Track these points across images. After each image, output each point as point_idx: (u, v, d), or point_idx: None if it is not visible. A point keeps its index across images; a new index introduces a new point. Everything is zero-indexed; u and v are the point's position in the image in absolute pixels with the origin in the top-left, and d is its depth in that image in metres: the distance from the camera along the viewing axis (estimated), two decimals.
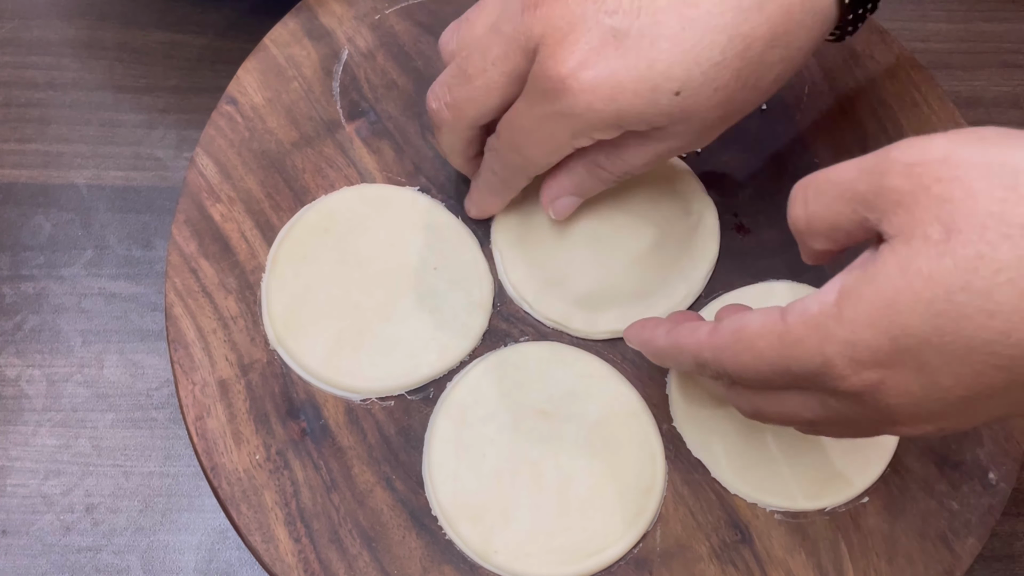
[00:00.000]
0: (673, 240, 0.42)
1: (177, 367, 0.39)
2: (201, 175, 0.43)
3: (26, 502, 0.44)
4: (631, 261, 0.42)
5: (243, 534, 0.37)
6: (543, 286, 0.41)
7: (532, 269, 0.42)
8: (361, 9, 0.47)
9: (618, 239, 0.42)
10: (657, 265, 0.42)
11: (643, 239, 0.42)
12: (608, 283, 0.42)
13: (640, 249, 0.42)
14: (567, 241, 0.42)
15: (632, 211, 0.43)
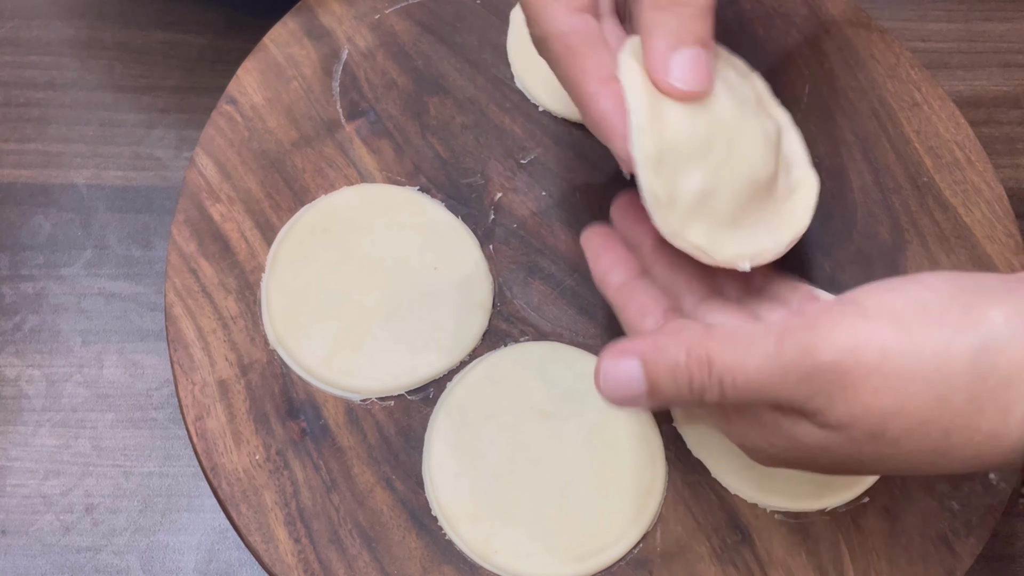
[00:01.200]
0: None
1: (177, 367, 0.39)
2: (201, 175, 0.43)
3: (26, 502, 0.44)
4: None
5: (243, 534, 0.37)
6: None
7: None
8: (361, 9, 0.47)
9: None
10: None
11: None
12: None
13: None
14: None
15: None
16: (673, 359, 0.30)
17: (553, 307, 0.42)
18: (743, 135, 0.34)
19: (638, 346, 0.31)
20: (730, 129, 0.34)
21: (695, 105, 0.33)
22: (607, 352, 0.31)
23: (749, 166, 0.34)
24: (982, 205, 0.44)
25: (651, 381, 0.30)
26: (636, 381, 0.30)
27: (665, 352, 0.30)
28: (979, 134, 0.46)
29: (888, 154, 0.45)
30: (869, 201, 0.44)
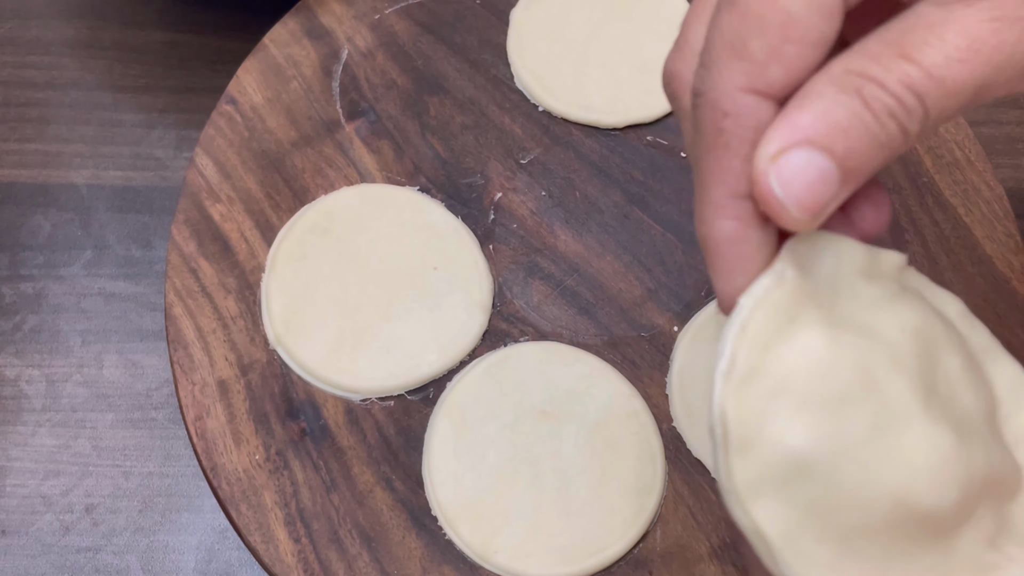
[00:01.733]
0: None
1: (177, 367, 0.39)
2: (200, 175, 0.43)
3: (25, 502, 0.44)
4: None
5: (243, 534, 0.37)
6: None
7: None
8: (360, 9, 0.47)
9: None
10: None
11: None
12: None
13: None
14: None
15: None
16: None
17: (553, 307, 0.42)
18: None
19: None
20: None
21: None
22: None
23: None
24: (982, 205, 0.44)
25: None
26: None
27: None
28: (979, 134, 0.46)
29: None
30: None
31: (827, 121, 0.21)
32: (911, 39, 0.21)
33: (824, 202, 0.21)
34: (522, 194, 0.44)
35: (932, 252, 0.43)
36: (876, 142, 0.21)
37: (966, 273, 0.43)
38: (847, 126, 0.21)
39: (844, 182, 0.21)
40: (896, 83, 0.20)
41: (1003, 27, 0.20)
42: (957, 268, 0.43)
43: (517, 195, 0.44)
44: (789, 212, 0.21)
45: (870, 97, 0.21)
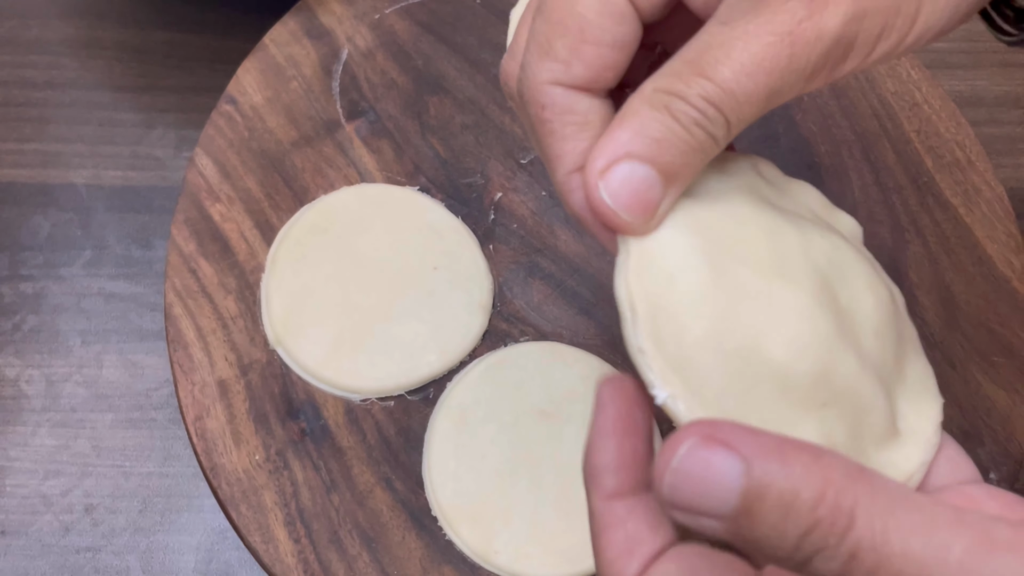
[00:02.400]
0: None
1: (176, 367, 0.39)
2: (200, 175, 0.43)
3: (25, 502, 0.44)
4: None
5: (242, 534, 0.37)
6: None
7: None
8: (360, 8, 0.47)
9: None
10: None
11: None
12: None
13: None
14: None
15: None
16: (795, 486, 0.19)
17: (553, 307, 0.42)
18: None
19: (747, 441, 0.20)
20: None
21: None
22: (692, 430, 0.20)
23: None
24: (982, 205, 0.44)
25: (748, 501, 0.20)
26: (727, 491, 0.20)
27: (788, 468, 0.20)
28: (979, 134, 0.46)
29: (888, 154, 0.45)
30: (870, 201, 0.44)
31: (643, 135, 0.24)
32: (706, 58, 0.24)
33: (652, 203, 0.24)
34: (522, 194, 0.44)
35: (933, 252, 0.43)
36: (688, 147, 0.24)
37: (967, 273, 0.43)
38: (660, 137, 0.24)
39: (667, 184, 0.24)
40: (697, 97, 0.23)
41: (777, 42, 0.23)
42: (958, 268, 0.43)
43: (517, 195, 0.44)
44: (621, 217, 0.24)
45: (677, 111, 0.24)
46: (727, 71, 0.23)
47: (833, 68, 0.24)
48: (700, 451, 0.20)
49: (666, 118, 0.24)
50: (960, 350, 0.41)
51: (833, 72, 0.24)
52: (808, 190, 0.30)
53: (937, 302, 0.42)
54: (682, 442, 0.20)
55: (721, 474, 0.20)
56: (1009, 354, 0.41)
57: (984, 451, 0.39)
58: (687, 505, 0.20)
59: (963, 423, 0.40)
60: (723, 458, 0.20)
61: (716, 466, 0.20)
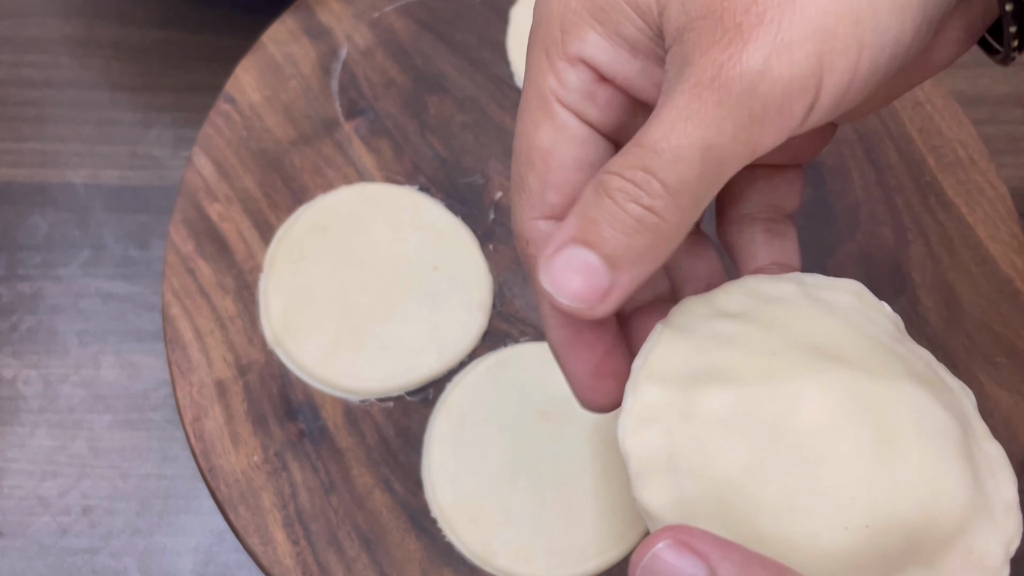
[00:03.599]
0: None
1: (174, 368, 0.39)
2: (198, 174, 0.43)
3: (22, 504, 0.44)
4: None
5: (241, 536, 0.36)
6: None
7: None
8: (360, 7, 0.47)
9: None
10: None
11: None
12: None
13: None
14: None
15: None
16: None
17: None
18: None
19: (715, 550, 0.22)
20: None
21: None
22: (667, 532, 0.22)
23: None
24: (985, 204, 0.44)
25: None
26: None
27: (748, 564, 0.22)
28: (982, 133, 0.46)
29: (890, 153, 0.45)
30: (871, 200, 0.44)
31: (583, 218, 0.24)
32: (644, 130, 0.23)
33: (598, 289, 0.24)
34: None
35: (935, 252, 0.43)
36: (626, 226, 0.23)
37: (969, 273, 0.43)
38: (596, 217, 0.23)
39: (615, 268, 0.24)
40: (629, 168, 0.23)
41: (700, 90, 0.22)
42: (960, 268, 0.43)
43: None
44: (566, 304, 0.24)
45: (610, 188, 0.23)
46: (655, 132, 0.22)
47: (779, 111, 0.22)
48: (670, 554, 0.22)
49: (602, 198, 0.23)
50: (962, 351, 0.41)
51: (783, 115, 0.22)
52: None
53: (939, 302, 0.42)
54: (655, 543, 0.22)
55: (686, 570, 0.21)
56: (1012, 355, 0.41)
57: None
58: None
59: None
60: (690, 564, 0.21)
61: (680, 570, 0.21)
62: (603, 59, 0.25)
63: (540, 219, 0.26)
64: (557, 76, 0.25)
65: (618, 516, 0.37)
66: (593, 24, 0.24)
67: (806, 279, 0.28)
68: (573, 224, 0.24)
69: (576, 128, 0.25)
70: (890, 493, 0.23)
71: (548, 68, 0.25)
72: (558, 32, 0.25)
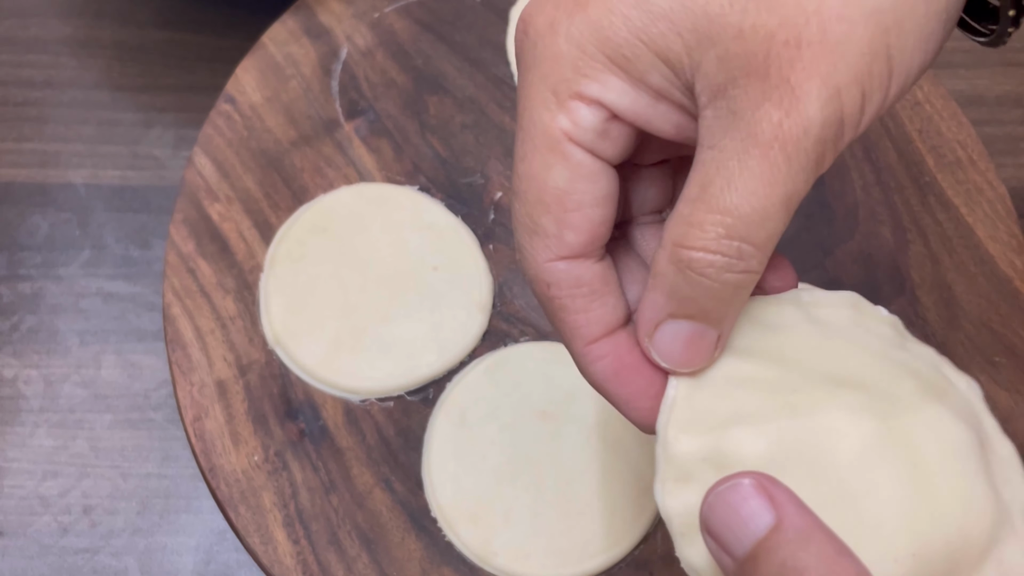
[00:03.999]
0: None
1: (175, 367, 0.39)
2: (199, 174, 0.43)
3: (23, 503, 0.44)
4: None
5: (241, 536, 0.37)
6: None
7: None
8: (360, 7, 0.47)
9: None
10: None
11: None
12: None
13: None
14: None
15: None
16: (805, 564, 0.21)
17: None
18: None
19: (789, 506, 0.22)
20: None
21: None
22: (753, 474, 0.22)
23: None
24: (984, 205, 0.44)
25: (759, 550, 0.22)
26: (748, 533, 0.22)
27: (808, 546, 0.21)
28: (981, 133, 0.46)
29: (890, 153, 0.45)
30: (871, 200, 0.44)
31: (678, 298, 0.24)
32: (710, 192, 0.23)
33: (704, 352, 0.25)
34: None
35: (934, 252, 0.43)
36: (723, 294, 0.24)
37: (968, 273, 0.43)
38: (692, 295, 0.24)
39: (720, 324, 0.25)
40: (715, 241, 0.23)
41: (768, 151, 0.22)
42: (959, 268, 0.43)
43: None
44: (678, 371, 0.25)
45: (700, 264, 0.23)
46: (735, 197, 0.23)
47: (835, 147, 0.23)
48: (745, 489, 0.22)
49: (692, 276, 0.24)
50: (961, 350, 0.41)
51: (837, 148, 0.24)
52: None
53: (939, 302, 0.42)
54: (737, 477, 0.22)
55: (751, 516, 0.22)
56: (1011, 354, 0.41)
57: None
58: (714, 530, 0.22)
59: None
60: (760, 504, 0.22)
61: (750, 507, 0.22)
62: (623, 103, 0.24)
63: (559, 260, 0.26)
64: (569, 116, 0.25)
65: (618, 516, 0.37)
66: (614, 69, 0.24)
67: (803, 296, 0.28)
68: (664, 302, 0.25)
69: (591, 165, 0.25)
70: (930, 519, 0.24)
71: (557, 107, 0.25)
72: (570, 72, 0.24)
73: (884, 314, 0.28)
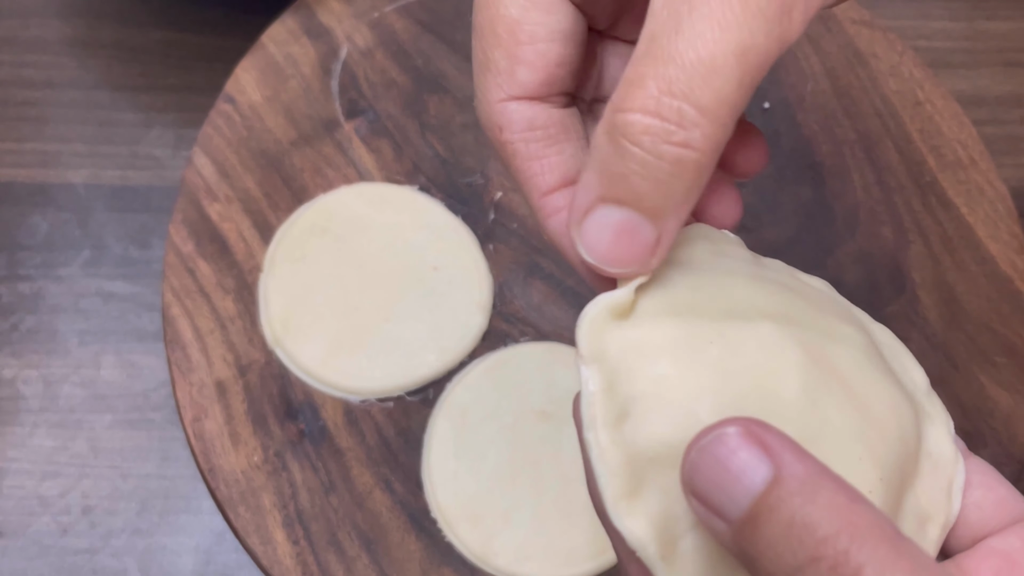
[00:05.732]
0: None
1: (174, 368, 0.39)
2: (199, 174, 0.43)
3: (23, 504, 0.44)
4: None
5: (241, 536, 0.36)
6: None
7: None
8: (360, 7, 0.47)
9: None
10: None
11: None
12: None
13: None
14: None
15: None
16: (814, 518, 0.18)
17: (553, 307, 0.41)
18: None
19: (787, 453, 0.18)
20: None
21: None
22: (738, 421, 0.19)
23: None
24: (985, 204, 0.44)
25: (758, 509, 0.18)
26: (743, 491, 0.18)
27: (814, 496, 0.18)
28: (982, 133, 0.46)
29: (891, 153, 0.45)
30: (872, 200, 0.44)
31: (607, 174, 0.20)
32: (657, 44, 0.20)
33: (637, 250, 0.21)
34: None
35: (935, 252, 0.43)
36: (662, 173, 0.20)
37: (969, 273, 0.43)
38: (623, 171, 0.20)
39: (658, 219, 0.21)
40: (653, 99, 0.19)
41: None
42: (960, 268, 0.43)
43: (517, 195, 0.43)
44: (608, 270, 0.21)
45: (633, 132, 0.20)
46: (680, 43, 0.19)
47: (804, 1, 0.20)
48: (736, 440, 0.18)
49: (625, 147, 0.20)
50: (962, 350, 0.41)
51: (807, 5, 0.20)
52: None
53: (939, 302, 0.42)
54: (721, 426, 0.18)
55: (743, 470, 0.18)
56: (1011, 354, 0.41)
57: (987, 452, 0.39)
58: (702, 493, 0.19)
59: (965, 424, 0.40)
60: (752, 455, 0.18)
61: (741, 459, 0.18)
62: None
63: (511, 100, 0.23)
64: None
65: None
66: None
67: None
68: (596, 182, 0.21)
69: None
70: (880, 438, 0.22)
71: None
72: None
73: (732, 237, 0.26)
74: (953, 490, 0.24)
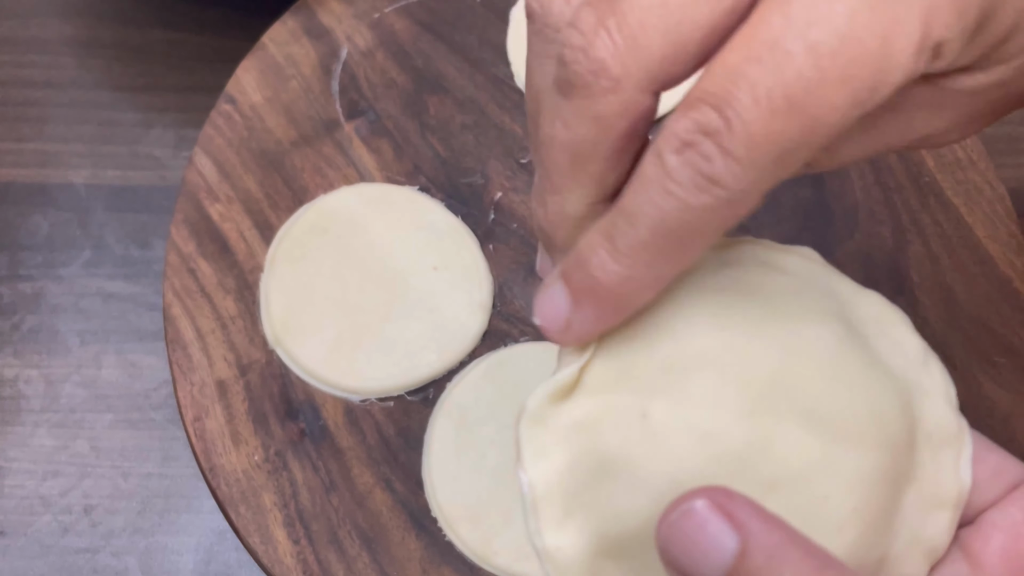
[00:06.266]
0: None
1: (175, 367, 0.39)
2: (199, 174, 0.43)
3: (24, 503, 0.44)
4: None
5: (242, 535, 0.37)
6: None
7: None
8: (360, 8, 0.47)
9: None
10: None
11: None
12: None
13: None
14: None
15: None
16: (785, 559, 0.18)
17: None
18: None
19: (754, 523, 0.19)
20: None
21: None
22: (707, 491, 0.19)
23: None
24: (984, 205, 0.44)
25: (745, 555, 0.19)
26: (714, 565, 0.19)
27: (780, 567, 0.18)
28: (981, 134, 0.46)
29: (890, 153, 0.45)
30: (871, 200, 0.44)
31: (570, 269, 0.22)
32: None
33: (557, 320, 0.23)
34: (522, 194, 0.43)
35: (934, 252, 0.43)
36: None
37: (968, 273, 0.43)
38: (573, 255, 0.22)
39: (575, 304, 0.22)
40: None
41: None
42: (959, 268, 0.43)
43: (517, 195, 0.43)
44: (550, 336, 0.23)
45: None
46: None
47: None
48: (699, 513, 0.19)
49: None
50: (961, 350, 0.41)
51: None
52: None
53: (938, 302, 0.42)
54: (691, 499, 0.19)
55: (712, 544, 0.19)
56: (1010, 354, 0.41)
57: None
58: (675, 564, 0.19)
59: None
60: (719, 528, 0.19)
61: (709, 533, 0.19)
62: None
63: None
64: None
65: None
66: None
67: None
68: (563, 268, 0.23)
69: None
70: (852, 458, 0.22)
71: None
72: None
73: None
74: (961, 463, 0.23)
